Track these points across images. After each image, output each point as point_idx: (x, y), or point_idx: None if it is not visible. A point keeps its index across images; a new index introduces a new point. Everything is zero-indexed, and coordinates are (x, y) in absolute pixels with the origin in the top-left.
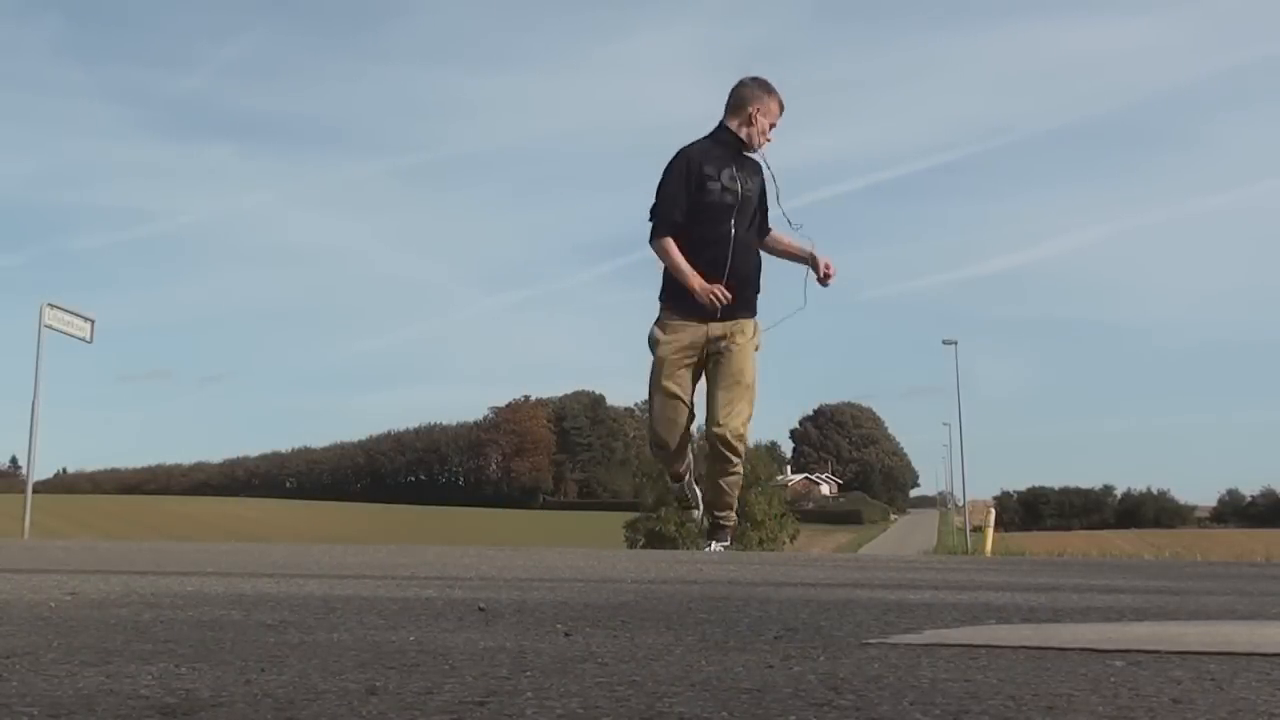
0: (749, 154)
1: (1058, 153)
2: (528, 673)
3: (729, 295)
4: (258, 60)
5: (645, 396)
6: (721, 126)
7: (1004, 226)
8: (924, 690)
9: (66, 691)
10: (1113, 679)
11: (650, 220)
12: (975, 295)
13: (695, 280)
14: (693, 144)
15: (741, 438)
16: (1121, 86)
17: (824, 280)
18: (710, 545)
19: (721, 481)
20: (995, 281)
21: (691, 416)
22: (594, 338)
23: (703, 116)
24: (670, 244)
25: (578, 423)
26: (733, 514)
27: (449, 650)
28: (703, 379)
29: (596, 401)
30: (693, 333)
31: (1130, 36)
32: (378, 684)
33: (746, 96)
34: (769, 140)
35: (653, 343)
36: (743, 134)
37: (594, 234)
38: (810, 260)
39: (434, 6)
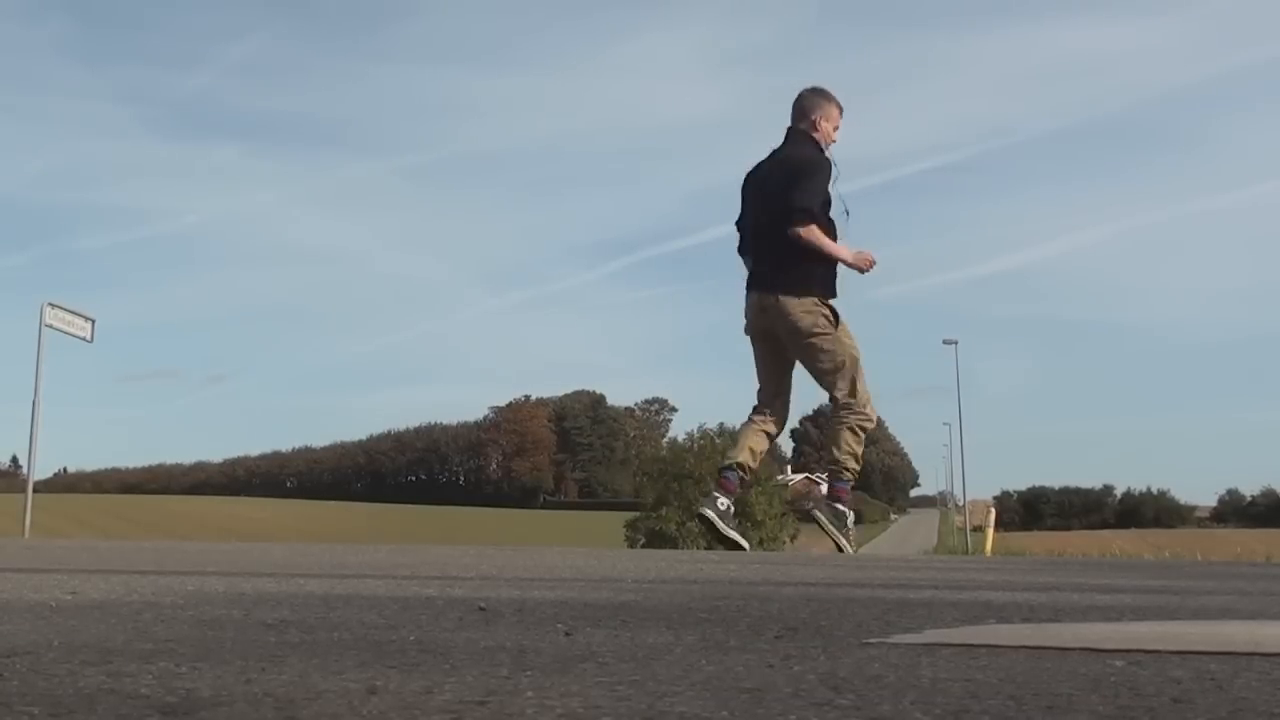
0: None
1: (1060, 153)
2: (528, 672)
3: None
4: (262, 61)
5: (646, 396)
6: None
7: (1004, 226)
8: (924, 690)
9: (67, 690)
10: (1113, 679)
11: (797, 208)
12: (975, 295)
13: (849, 252)
14: (825, 152)
15: None
16: (1124, 87)
17: None
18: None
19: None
20: (995, 281)
21: None
22: (594, 338)
23: (707, 117)
24: (818, 230)
25: (578, 423)
26: None
27: (449, 649)
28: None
29: (597, 401)
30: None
31: (1133, 37)
32: (378, 683)
33: (810, 105)
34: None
35: (841, 336)
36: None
37: (596, 234)
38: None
39: (438, 7)
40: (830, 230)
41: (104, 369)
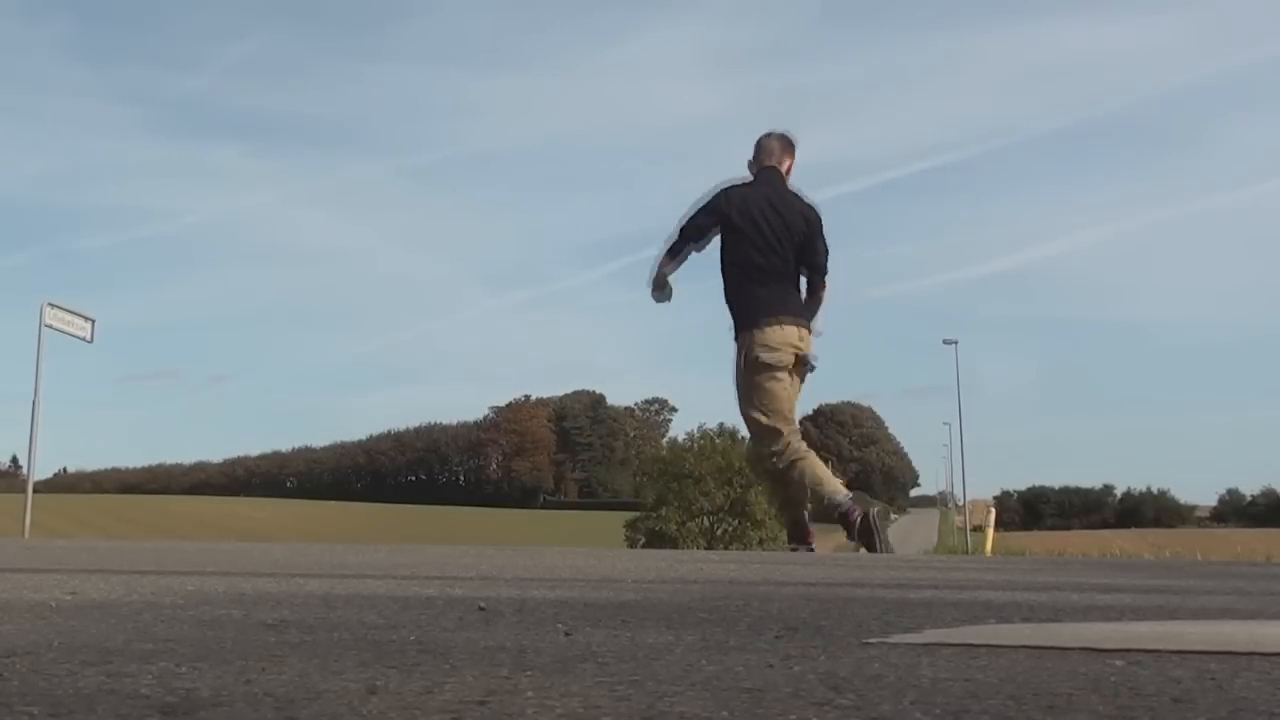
0: None
1: (1060, 153)
2: (528, 672)
3: None
4: (263, 61)
5: (646, 396)
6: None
7: (1004, 226)
8: (924, 690)
9: (67, 690)
10: (1113, 679)
11: (827, 269)
12: (975, 295)
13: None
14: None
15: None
16: (1124, 87)
17: None
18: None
19: None
20: (995, 281)
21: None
22: (594, 338)
23: (707, 117)
24: None
25: (578, 422)
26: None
27: (449, 649)
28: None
29: (597, 401)
30: None
31: (1133, 36)
32: (378, 683)
33: (783, 150)
34: None
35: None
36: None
37: (596, 234)
38: None
39: (439, 8)
40: None
41: (104, 369)
